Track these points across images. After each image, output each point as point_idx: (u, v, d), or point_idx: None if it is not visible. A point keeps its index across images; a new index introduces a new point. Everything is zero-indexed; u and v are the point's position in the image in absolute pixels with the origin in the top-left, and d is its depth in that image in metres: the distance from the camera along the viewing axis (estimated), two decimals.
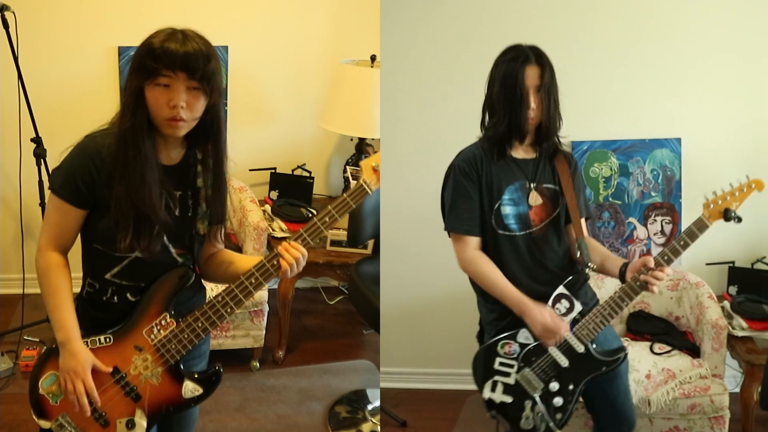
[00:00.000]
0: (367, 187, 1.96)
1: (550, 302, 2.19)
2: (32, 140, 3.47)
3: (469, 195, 2.22)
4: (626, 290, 2.17)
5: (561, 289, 2.20)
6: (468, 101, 3.53)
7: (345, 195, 1.94)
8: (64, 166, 1.84)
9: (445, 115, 3.57)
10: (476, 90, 3.53)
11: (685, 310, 3.29)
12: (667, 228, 3.46)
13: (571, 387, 2.21)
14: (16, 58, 3.34)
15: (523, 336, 2.21)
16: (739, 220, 2.17)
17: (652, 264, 2.13)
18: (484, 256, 2.23)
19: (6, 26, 3.31)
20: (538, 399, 2.19)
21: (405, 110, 3.59)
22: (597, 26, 3.47)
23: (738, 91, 3.44)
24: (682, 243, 2.16)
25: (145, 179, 1.78)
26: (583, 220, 2.32)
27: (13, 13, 3.32)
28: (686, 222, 3.42)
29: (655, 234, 3.46)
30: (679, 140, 3.43)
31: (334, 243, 3.67)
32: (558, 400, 2.20)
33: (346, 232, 3.46)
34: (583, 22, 3.46)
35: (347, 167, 4.15)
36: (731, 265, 3.37)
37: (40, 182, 3.51)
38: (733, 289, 3.35)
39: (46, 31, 3.82)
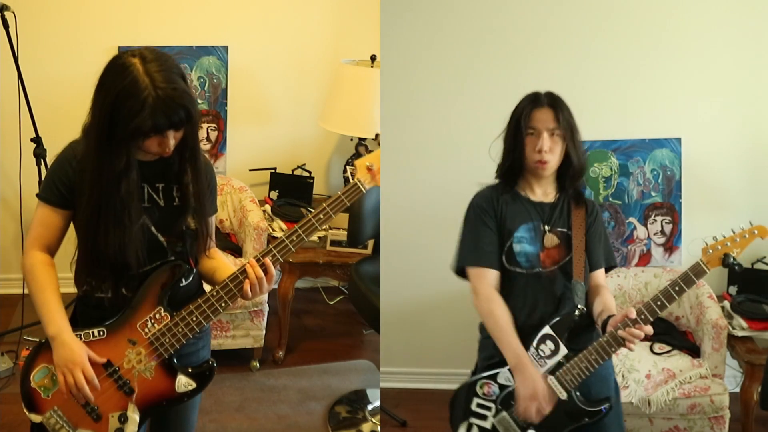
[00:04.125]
0: (361, 186, 1.98)
1: (534, 342, 2.08)
2: (32, 140, 3.47)
3: (490, 229, 2.17)
4: (609, 341, 2.04)
5: (546, 330, 2.08)
6: (468, 101, 3.56)
7: (339, 193, 1.96)
8: (47, 173, 1.90)
9: (445, 115, 3.58)
10: (476, 89, 3.56)
11: (685, 310, 3.29)
12: (667, 228, 3.45)
13: None
14: (16, 58, 3.34)
15: (504, 377, 2.10)
16: (740, 267, 2.06)
17: (633, 315, 2.02)
18: (500, 298, 2.13)
19: (6, 26, 3.31)
20: None
21: (405, 110, 3.60)
22: (596, 27, 3.47)
23: (738, 91, 3.44)
24: (677, 288, 2.04)
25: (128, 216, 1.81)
26: (602, 270, 2.25)
27: (13, 13, 3.32)
28: (686, 222, 3.43)
29: (655, 234, 3.46)
30: (679, 140, 3.43)
31: (334, 243, 3.67)
32: None
33: (346, 232, 3.46)
34: (582, 23, 3.47)
35: (347, 167, 4.15)
36: None
37: (40, 182, 3.51)
38: (733, 289, 3.36)
39: (46, 31, 3.82)
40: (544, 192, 2.24)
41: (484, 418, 2.11)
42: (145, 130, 1.71)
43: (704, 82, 3.43)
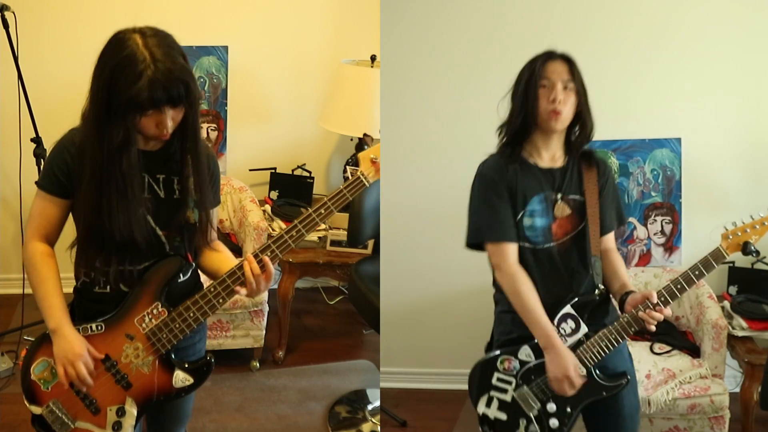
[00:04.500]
0: (364, 179, 1.92)
1: (555, 321, 2.10)
2: (32, 140, 3.47)
3: (504, 201, 2.11)
4: (629, 321, 2.09)
5: (568, 309, 2.11)
6: (468, 101, 3.56)
7: (342, 187, 1.91)
8: (46, 160, 1.90)
9: (445, 115, 3.58)
10: (476, 89, 3.56)
11: (685, 310, 3.29)
12: (667, 228, 3.45)
13: (568, 409, 2.12)
14: (16, 58, 3.34)
15: (525, 353, 2.13)
16: (758, 253, 2.10)
17: (655, 299, 2.05)
18: (524, 274, 2.11)
19: (6, 26, 3.31)
20: (533, 419, 2.12)
21: (405, 110, 3.60)
22: (597, 27, 3.47)
23: (738, 91, 3.44)
24: (697, 273, 2.07)
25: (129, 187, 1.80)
26: (612, 234, 2.24)
27: (13, 13, 3.31)
28: (686, 222, 3.43)
29: (655, 234, 3.46)
30: (679, 140, 3.43)
31: (334, 243, 3.67)
32: (554, 422, 2.12)
33: (346, 232, 3.46)
34: (583, 23, 3.46)
35: (347, 167, 4.15)
36: (731, 265, 3.37)
37: None
38: (733, 289, 3.35)
39: (46, 31, 3.82)
40: (552, 156, 2.18)
41: (504, 391, 2.15)
42: (141, 102, 1.68)
43: (704, 82, 3.43)
